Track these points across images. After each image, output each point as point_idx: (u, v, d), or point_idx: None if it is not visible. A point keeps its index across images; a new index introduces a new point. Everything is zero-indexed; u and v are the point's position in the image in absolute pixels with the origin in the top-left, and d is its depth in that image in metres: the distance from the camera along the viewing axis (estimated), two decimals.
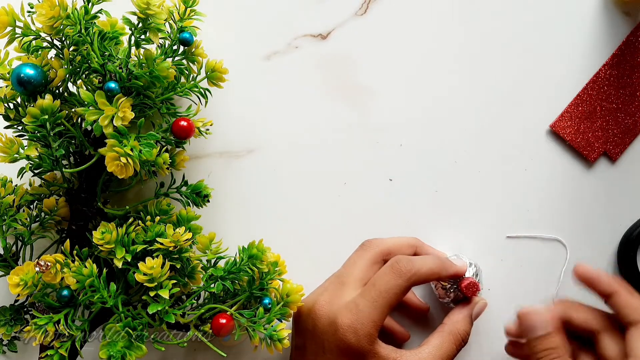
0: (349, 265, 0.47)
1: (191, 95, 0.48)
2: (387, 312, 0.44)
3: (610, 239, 0.52)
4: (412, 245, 0.49)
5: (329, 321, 0.44)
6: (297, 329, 0.47)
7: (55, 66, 0.43)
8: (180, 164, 0.48)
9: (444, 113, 0.52)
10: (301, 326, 0.46)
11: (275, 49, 0.52)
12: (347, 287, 0.45)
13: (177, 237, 0.44)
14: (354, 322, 0.43)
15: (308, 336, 0.45)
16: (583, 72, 0.52)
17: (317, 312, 0.45)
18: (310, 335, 0.45)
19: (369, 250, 0.47)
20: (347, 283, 0.46)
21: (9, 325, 0.45)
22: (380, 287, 0.44)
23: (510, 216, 0.52)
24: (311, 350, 0.45)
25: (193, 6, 0.46)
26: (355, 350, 0.43)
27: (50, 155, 0.43)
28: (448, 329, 0.46)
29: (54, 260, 0.43)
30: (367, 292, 0.44)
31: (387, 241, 0.48)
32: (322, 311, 0.45)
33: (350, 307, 0.44)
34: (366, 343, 0.43)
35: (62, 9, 0.41)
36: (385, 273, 0.44)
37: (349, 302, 0.44)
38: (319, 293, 0.47)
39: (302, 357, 0.46)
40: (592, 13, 0.52)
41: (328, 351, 0.44)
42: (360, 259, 0.47)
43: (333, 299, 0.45)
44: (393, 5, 0.52)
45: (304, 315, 0.46)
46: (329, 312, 0.44)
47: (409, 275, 0.44)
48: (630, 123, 0.52)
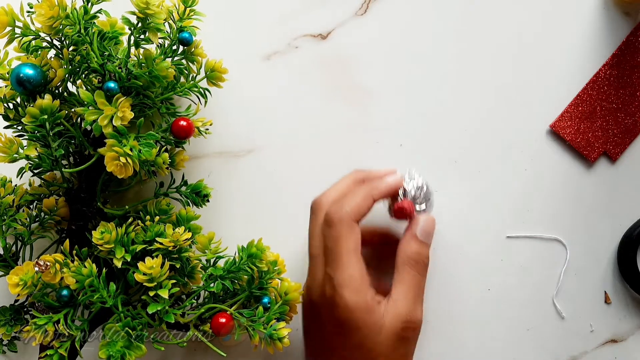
0: (310, 239, 0.47)
1: (191, 95, 0.48)
2: (357, 259, 0.44)
3: (610, 239, 0.52)
4: (356, 180, 0.48)
5: (320, 301, 0.44)
6: (303, 314, 0.48)
7: (54, 66, 0.43)
8: (180, 164, 0.48)
9: (443, 113, 0.52)
10: (304, 312, 0.47)
11: (275, 49, 0.52)
12: (316, 263, 0.46)
13: (177, 236, 0.44)
14: (337, 291, 0.43)
15: (311, 319, 0.46)
16: (583, 72, 0.52)
17: (310, 296, 0.45)
18: (312, 318, 0.46)
19: (318, 213, 0.47)
20: (313, 257, 0.46)
21: (8, 325, 0.45)
22: (331, 247, 0.44)
23: (510, 216, 0.52)
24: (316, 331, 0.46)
25: (192, 6, 0.46)
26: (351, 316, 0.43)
27: (49, 155, 0.43)
28: (400, 260, 0.46)
29: (53, 260, 0.43)
30: (328, 259, 0.44)
31: (330, 194, 0.47)
32: (312, 294, 0.45)
33: (327, 279, 0.44)
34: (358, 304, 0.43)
35: (61, 8, 0.41)
36: (326, 232, 0.45)
37: (324, 276, 0.44)
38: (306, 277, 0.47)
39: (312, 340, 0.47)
40: (592, 13, 0.52)
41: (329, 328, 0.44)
42: (314, 228, 0.47)
43: (313, 280, 0.45)
44: (393, 5, 0.52)
45: (304, 301, 0.47)
46: (315, 294, 0.45)
47: (339, 219, 0.44)
48: (630, 123, 0.51)
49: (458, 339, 0.51)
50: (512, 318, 0.52)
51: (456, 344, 0.52)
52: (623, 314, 0.52)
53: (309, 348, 0.47)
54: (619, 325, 0.52)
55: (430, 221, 0.47)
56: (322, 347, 0.45)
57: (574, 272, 0.52)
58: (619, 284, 0.52)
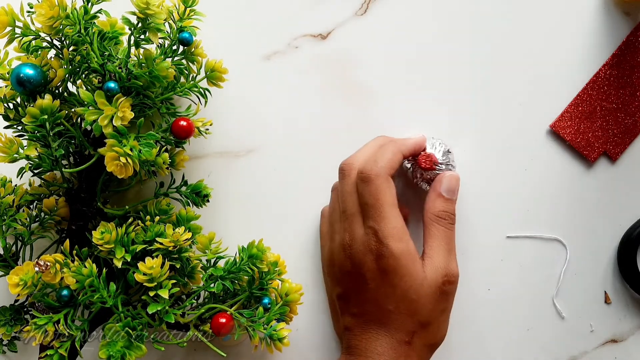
0: (344, 198, 0.47)
1: (191, 95, 0.48)
2: (396, 211, 0.45)
3: (611, 239, 0.52)
4: (382, 144, 0.49)
5: (363, 255, 0.45)
6: (335, 278, 0.48)
7: (54, 66, 0.43)
8: (180, 164, 0.48)
9: (444, 113, 0.52)
10: (338, 273, 0.47)
11: (275, 49, 0.52)
12: (355, 219, 0.46)
13: (177, 237, 0.44)
14: (383, 242, 0.44)
15: (350, 279, 0.46)
16: (583, 72, 0.52)
17: (349, 253, 0.46)
18: (352, 277, 0.46)
19: (350, 176, 0.47)
20: (352, 216, 0.46)
21: (8, 325, 0.45)
22: (369, 202, 0.45)
23: (510, 216, 0.52)
24: (356, 290, 0.46)
25: (192, 6, 0.46)
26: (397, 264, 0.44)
27: (49, 155, 0.43)
28: (427, 219, 0.47)
29: (53, 260, 0.43)
30: (368, 214, 0.45)
31: (359, 156, 0.48)
32: (352, 250, 0.46)
33: (370, 232, 0.45)
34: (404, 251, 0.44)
35: (61, 8, 0.41)
36: (361, 188, 0.46)
37: (366, 230, 0.45)
38: (340, 237, 0.47)
39: (348, 302, 0.46)
40: (592, 13, 0.52)
41: (372, 281, 0.45)
42: (347, 188, 0.47)
43: (354, 236, 0.46)
44: (393, 5, 0.52)
45: (339, 262, 0.47)
46: (358, 248, 0.45)
47: (376, 174, 0.45)
48: (630, 123, 0.51)
49: (458, 339, 0.51)
50: (512, 318, 0.52)
51: (456, 344, 0.51)
52: (623, 314, 0.52)
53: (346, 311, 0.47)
54: (619, 326, 0.52)
55: (453, 178, 0.48)
56: (365, 302, 0.45)
57: (574, 272, 0.52)
58: (619, 284, 0.52)
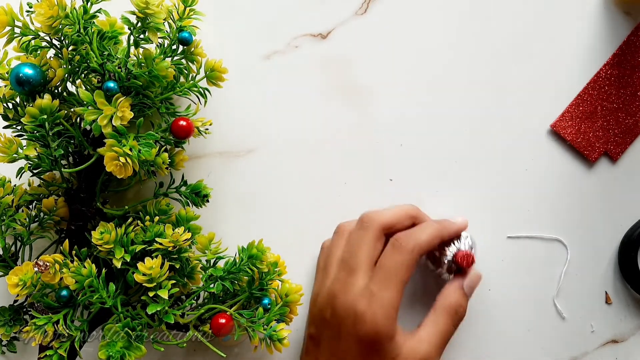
0: (353, 248, 0.47)
1: (190, 95, 0.48)
2: (402, 290, 0.44)
3: (611, 239, 0.52)
4: (411, 215, 0.48)
5: (346, 311, 0.44)
6: (313, 318, 0.47)
7: (54, 66, 0.43)
8: (180, 164, 0.48)
9: (444, 113, 0.52)
10: (317, 316, 0.46)
11: (275, 48, 0.52)
12: (358, 273, 0.45)
13: (176, 237, 0.44)
14: (372, 309, 0.43)
15: (324, 325, 0.45)
16: (584, 72, 0.52)
17: (334, 302, 0.45)
18: (327, 325, 0.45)
19: (369, 229, 0.47)
20: (356, 269, 0.45)
21: (8, 326, 0.45)
22: (389, 268, 0.44)
23: (510, 216, 0.52)
24: (327, 339, 0.45)
25: (192, 5, 0.46)
26: (374, 336, 0.43)
27: (49, 155, 0.43)
28: (440, 305, 0.46)
29: (52, 260, 0.43)
30: (378, 276, 0.44)
31: (385, 214, 0.47)
32: (338, 300, 0.45)
33: (366, 294, 0.44)
34: (385, 328, 0.43)
35: (60, 8, 0.41)
36: (390, 253, 0.45)
37: (363, 290, 0.44)
38: (331, 281, 0.46)
39: (317, 346, 0.46)
40: (592, 13, 0.52)
41: (344, 340, 0.44)
42: (363, 241, 0.46)
43: (347, 288, 0.45)
44: (393, 5, 0.52)
45: (320, 305, 0.46)
46: (345, 302, 0.44)
47: (411, 249, 0.45)
48: (631, 123, 0.51)
49: (458, 340, 0.51)
50: (513, 318, 0.52)
51: (456, 344, 0.51)
52: (624, 314, 0.52)
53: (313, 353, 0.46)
54: (619, 326, 0.52)
55: (477, 277, 0.48)
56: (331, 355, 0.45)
57: (574, 272, 0.52)
58: (620, 284, 0.52)
